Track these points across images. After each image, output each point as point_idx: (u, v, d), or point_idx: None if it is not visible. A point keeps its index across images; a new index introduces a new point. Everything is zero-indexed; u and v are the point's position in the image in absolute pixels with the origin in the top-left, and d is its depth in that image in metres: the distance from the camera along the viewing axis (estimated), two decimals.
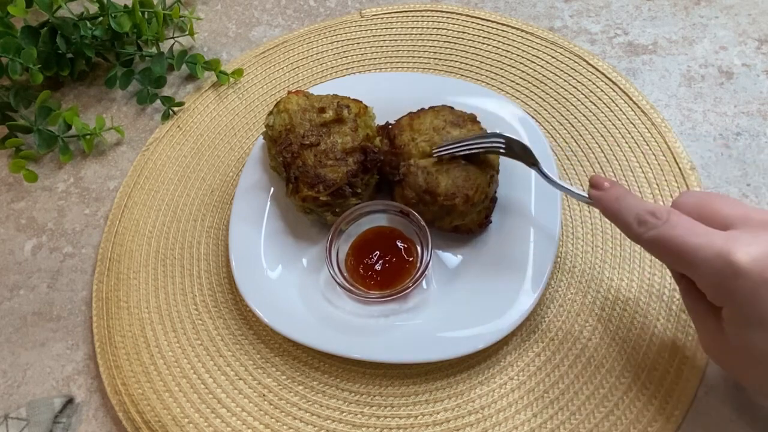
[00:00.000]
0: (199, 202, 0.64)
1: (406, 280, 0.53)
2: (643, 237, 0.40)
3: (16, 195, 0.68)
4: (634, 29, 0.69)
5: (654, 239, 0.39)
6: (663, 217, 0.39)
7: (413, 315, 0.52)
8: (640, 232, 0.40)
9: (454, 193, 0.52)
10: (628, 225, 0.41)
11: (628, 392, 0.48)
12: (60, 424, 0.53)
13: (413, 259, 0.54)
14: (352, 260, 0.55)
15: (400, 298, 0.53)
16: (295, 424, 0.51)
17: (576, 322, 0.52)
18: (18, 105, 0.70)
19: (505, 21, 0.70)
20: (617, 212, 0.42)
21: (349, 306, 0.53)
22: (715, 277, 0.36)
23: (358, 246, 0.56)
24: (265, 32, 0.77)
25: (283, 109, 0.57)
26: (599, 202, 0.44)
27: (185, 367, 0.54)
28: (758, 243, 0.35)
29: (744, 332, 0.37)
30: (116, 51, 0.73)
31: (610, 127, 0.62)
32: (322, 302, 0.54)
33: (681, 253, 0.37)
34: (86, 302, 0.60)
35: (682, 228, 0.38)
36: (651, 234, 0.39)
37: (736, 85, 0.63)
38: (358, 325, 0.52)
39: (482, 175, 0.53)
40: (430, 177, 0.53)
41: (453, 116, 0.56)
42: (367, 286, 0.53)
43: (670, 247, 0.38)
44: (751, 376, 0.40)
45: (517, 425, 0.49)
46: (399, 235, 0.55)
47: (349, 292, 0.52)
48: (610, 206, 0.43)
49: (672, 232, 0.38)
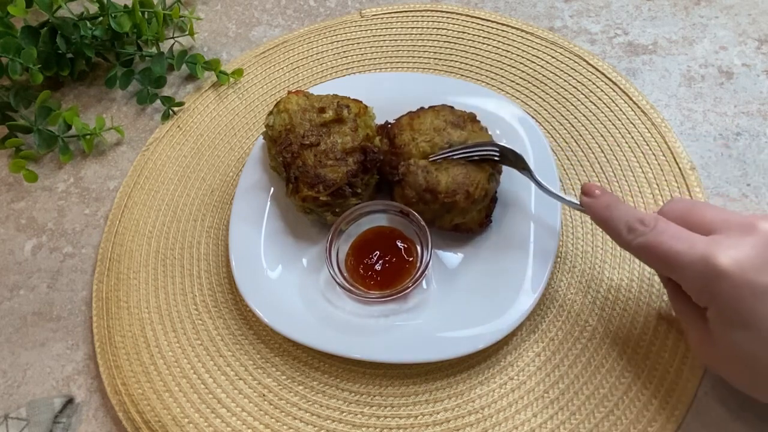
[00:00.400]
0: (199, 202, 0.64)
1: (406, 280, 0.53)
2: (632, 244, 0.42)
3: (16, 195, 0.68)
4: (634, 29, 0.69)
5: (642, 246, 0.41)
6: (651, 225, 0.41)
7: (413, 315, 0.52)
8: (629, 239, 0.42)
9: (454, 190, 0.52)
10: (618, 232, 0.43)
11: (628, 392, 0.48)
12: (60, 424, 0.53)
13: (413, 259, 0.54)
14: (352, 260, 0.55)
15: (400, 298, 0.53)
16: (295, 424, 0.51)
17: (576, 322, 0.52)
18: (18, 105, 0.70)
19: (505, 21, 0.70)
20: (608, 220, 0.44)
21: (349, 306, 0.53)
22: (699, 280, 0.38)
23: (358, 246, 0.56)
24: (265, 32, 0.77)
25: (283, 109, 0.57)
26: (590, 209, 0.46)
27: (185, 367, 0.54)
28: (739, 246, 0.37)
29: (728, 332, 0.38)
30: (116, 51, 0.73)
31: (610, 127, 0.62)
32: (322, 302, 0.54)
33: (667, 258, 0.39)
34: (86, 302, 0.60)
35: (668, 234, 0.40)
36: (639, 241, 0.41)
37: (736, 85, 0.63)
38: (358, 325, 0.52)
39: (482, 172, 0.53)
40: (430, 176, 0.53)
41: (453, 116, 0.56)
42: (366, 286, 0.53)
43: (657, 252, 0.40)
44: (739, 375, 0.41)
45: (517, 425, 0.49)
46: (399, 235, 0.55)
47: (349, 292, 0.52)
48: (600, 214, 0.45)
49: (659, 238, 0.40)
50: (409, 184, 0.53)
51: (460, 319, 0.51)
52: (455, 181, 0.52)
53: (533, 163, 0.56)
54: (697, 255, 0.38)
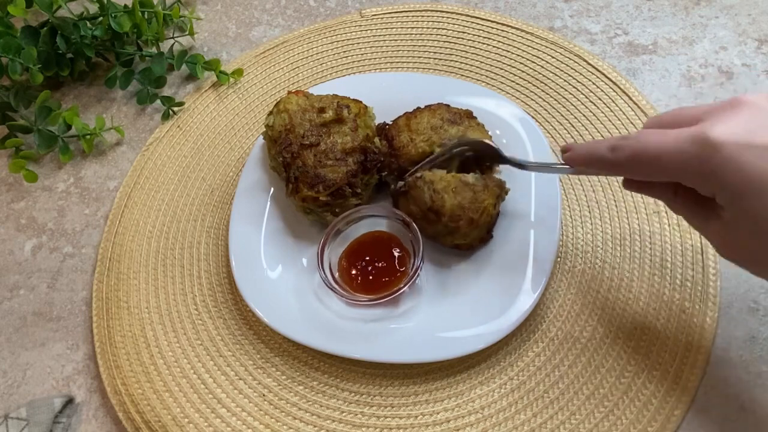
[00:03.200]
0: (199, 202, 0.64)
1: (395, 286, 0.52)
2: (620, 159, 0.40)
3: (16, 195, 0.68)
4: (634, 29, 0.69)
5: (631, 156, 0.39)
6: (633, 136, 0.40)
7: (413, 315, 0.52)
8: (616, 157, 0.40)
9: (459, 215, 0.50)
10: (603, 158, 0.41)
11: (628, 392, 0.48)
12: (60, 424, 0.53)
13: (405, 269, 0.53)
14: (345, 263, 0.55)
15: (391, 302, 0.52)
16: (295, 424, 0.51)
17: (576, 322, 0.52)
18: (18, 105, 0.70)
19: (505, 21, 0.70)
20: (590, 154, 0.42)
21: (349, 307, 0.53)
22: (696, 164, 0.36)
23: (353, 249, 0.55)
24: (265, 32, 0.77)
25: (283, 109, 0.57)
26: (573, 158, 0.44)
27: (185, 367, 0.54)
28: (727, 120, 0.36)
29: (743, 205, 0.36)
30: (116, 51, 0.73)
31: (610, 127, 0.61)
32: (322, 302, 0.54)
33: (660, 157, 0.38)
34: (86, 302, 0.60)
35: (654, 135, 0.38)
36: (626, 152, 0.39)
37: (736, 85, 0.63)
38: (358, 325, 0.52)
39: (489, 195, 0.52)
40: (437, 195, 0.51)
41: (449, 114, 0.56)
42: (355, 288, 0.53)
43: (648, 155, 0.38)
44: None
45: (517, 425, 0.49)
46: (397, 243, 0.55)
47: (338, 295, 0.52)
48: (582, 154, 0.43)
49: (645, 140, 0.38)
50: (414, 199, 0.52)
51: (460, 319, 0.51)
52: (461, 205, 0.50)
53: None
54: (688, 139, 0.36)
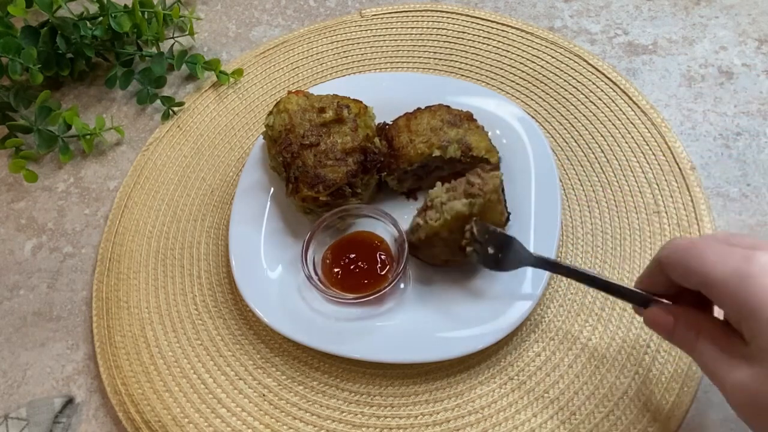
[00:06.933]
0: (199, 202, 0.64)
1: (376, 287, 0.52)
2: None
3: (16, 195, 0.68)
4: (634, 29, 0.69)
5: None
6: None
7: (413, 315, 0.52)
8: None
9: (447, 261, 0.53)
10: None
11: (628, 392, 0.48)
12: (60, 424, 0.53)
13: (386, 273, 0.53)
14: (330, 259, 0.55)
15: (375, 301, 0.52)
16: (295, 424, 0.51)
17: (576, 322, 0.52)
18: (18, 105, 0.70)
19: (505, 21, 0.70)
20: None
21: (350, 307, 0.53)
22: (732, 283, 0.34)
23: (341, 245, 0.55)
24: (265, 32, 0.77)
25: (283, 109, 0.57)
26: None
27: (185, 367, 0.54)
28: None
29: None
30: (116, 51, 0.73)
31: (610, 127, 0.61)
32: (321, 302, 0.54)
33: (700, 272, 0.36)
34: (86, 302, 0.60)
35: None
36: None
37: (736, 85, 0.63)
38: (358, 325, 0.52)
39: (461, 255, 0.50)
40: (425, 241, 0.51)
41: (450, 115, 0.56)
42: (334, 283, 0.53)
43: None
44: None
45: (517, 425, 0.49)
46: (385, 249, 0.55)
47: (322, 292, 0.52)
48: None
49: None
50: (412, 229, 0.53)
51: (460, 319, 0.51)
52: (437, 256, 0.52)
53: (533, 162, 0.57)
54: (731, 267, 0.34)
